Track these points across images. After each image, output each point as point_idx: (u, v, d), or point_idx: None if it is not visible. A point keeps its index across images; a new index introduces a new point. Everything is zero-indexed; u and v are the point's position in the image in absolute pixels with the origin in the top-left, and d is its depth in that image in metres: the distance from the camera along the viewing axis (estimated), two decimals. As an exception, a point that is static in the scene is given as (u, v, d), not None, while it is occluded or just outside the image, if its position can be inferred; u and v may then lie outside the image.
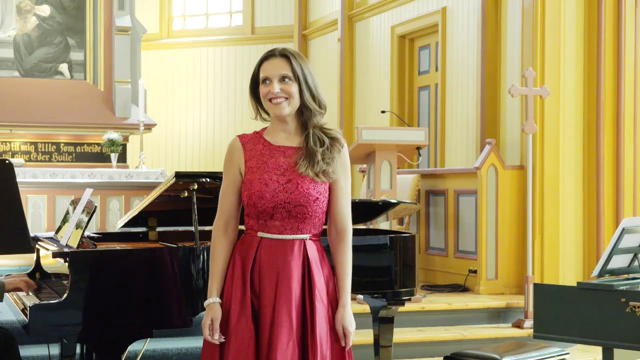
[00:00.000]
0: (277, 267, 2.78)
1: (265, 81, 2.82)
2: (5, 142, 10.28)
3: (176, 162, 12.78)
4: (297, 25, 12.02)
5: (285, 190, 2.77)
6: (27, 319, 3.43)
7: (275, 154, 2.84)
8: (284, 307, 2.74)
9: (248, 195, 2.80)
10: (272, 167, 2.81)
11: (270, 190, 2.78)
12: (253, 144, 2.87)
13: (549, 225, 7.06)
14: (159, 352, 5.21)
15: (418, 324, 6.25)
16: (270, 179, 2.79)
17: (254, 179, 2.80)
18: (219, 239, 2.86)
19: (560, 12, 7.15)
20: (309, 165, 2.79)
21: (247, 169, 2.84)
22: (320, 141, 2.82)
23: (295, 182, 2.79)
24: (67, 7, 10.61)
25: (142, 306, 3.56)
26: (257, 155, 2.85)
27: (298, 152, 2.83)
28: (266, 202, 2.77)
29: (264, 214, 2.78)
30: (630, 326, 4.00)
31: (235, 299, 2.78)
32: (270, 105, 2.83)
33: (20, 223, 3.50)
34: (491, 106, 7.72)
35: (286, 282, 2.76)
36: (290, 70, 2.81)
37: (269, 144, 2.86)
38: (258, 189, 2.78)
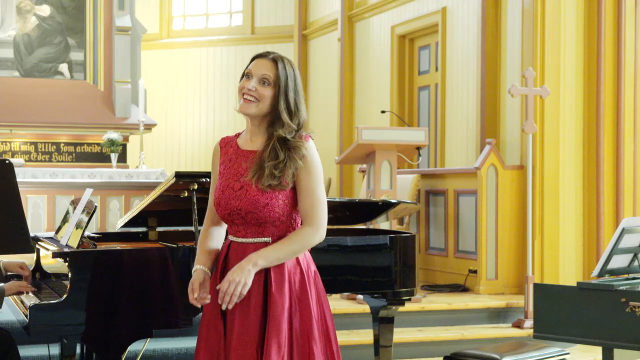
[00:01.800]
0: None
1: (247, 76, 2.83)
2: (5, 142, 10.28)
3: (176, 162, 12.79)
4: (297, 25, 12.02)
5: (237, 197, 2.79)
6: (27, 319, 3.43)
7: (239, 159, 2.87)
8: (239, 310, 2.74)
9: (212, 202, 2.91)
10: (233, 173, 2.85)
11: (225, 197, 2.82)
12: (228, 148, 2.92)
13: (549, 225, 7.06)
14: (159, 352, 5.21)
15: (418, 324, 6.25)
16: (227, 186, 2.83)
17: (218, 186, 2.87)
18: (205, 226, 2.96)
19: (560, 12, 7.15)
20: (255, 176, 2.77)
21: (219, 174, 2.91)
22: (275, 153, 2.77)
23: (246, 189, 2.79)
24: (67, 7, 10.61)
25: (142, 306, 3.56)
26: (227, 160, 2.89)
27: (256, 157, 2.82)
28: (222, 209, 2.83)
29: (225, 219, 2.85)
30: (630, 326, 4.00)
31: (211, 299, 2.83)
32: (240, 101, 2.83)
33: (20, 223, 3.49)
34: (491, 106, 7.73)
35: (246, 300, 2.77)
36: (273, 74, 2.79)
37: (238, 148, 2.90)
38: (217, 196, 2.85)
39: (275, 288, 2.75)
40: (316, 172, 2.82)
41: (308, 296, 2.79)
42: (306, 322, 2.77)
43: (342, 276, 4.11)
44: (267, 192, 2.76)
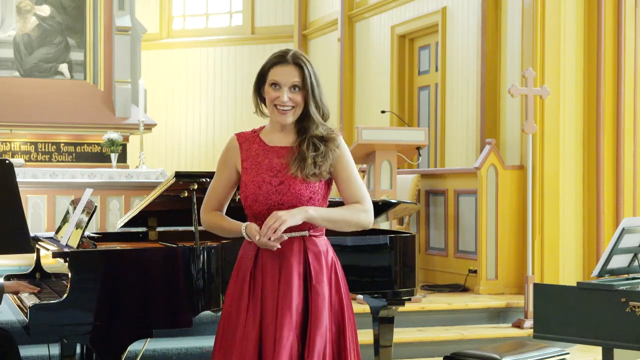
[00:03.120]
0: (279, 265, 2.79)
1: (275, 86, 2.82)
2: (5, 142, 10.28)
3: (176, 162, 12.79)
4: (297, 25, 12.02)
5: (277, 192, 2.78)
6: (27, 319, 3.43)
7: (269, 155, 2.85)
8: (285, 304, 2.74)
9: (244, 198, 2.83)
10: (265, 168, 2.83)
11: (263, 193, 2.79)
12: (249, 144, 2.89)
13: (549, 225, 7.06)
14: (159, 352, 5.21)
15: (418, 324, 6.25)
16: (264, 181, 2.80)
17: (249, 181, 2.82)
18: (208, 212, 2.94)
19: (560, 12, 7.15)
20: (299, 167, 2.79)
21: (242, 170, 2.86)
22: (314, 145, 2.82)
23: (288, 183, 2.79)
24: (67, 7, 10.61)
25: (142, 306, 3.56)
26: (252, 155, 2.86)
27: (291, 152, 2.83)
28: (260, 205, 2.79)
29: (261, 215, 2.80)
30: (630, 326, 3.99)
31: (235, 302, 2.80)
32: (275, 111, 2.82)
33: (20, 223, 3.50)
34: (491, 106, 7.72)
35: (287, 278, 2.77)
36: (301, 80, 2.81)
37: (264, 144, 2.87)
38: (252, 192, 2.80)
39: (315, 280, 2.78)
40: (352, 160, 2.91)
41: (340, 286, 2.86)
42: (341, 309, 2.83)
43: (342, 276, 4.11)
44: (310, 185, 2.79)
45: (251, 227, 2.78)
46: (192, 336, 5.48)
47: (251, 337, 2.75)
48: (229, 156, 2.91)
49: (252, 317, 2.77)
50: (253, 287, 2.80)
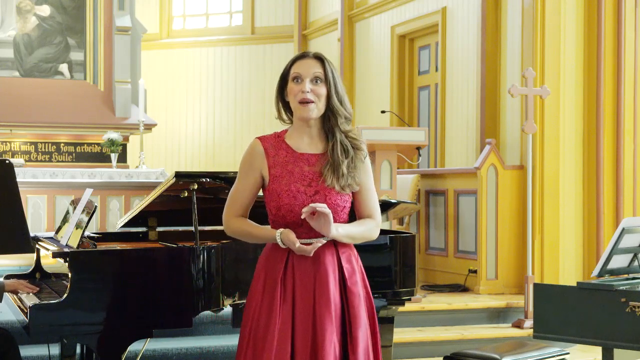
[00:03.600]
0: (313, 269, 2.80)
1: (297, 79, 2.82)
2: (5, 142, 10.28)
3: (176, 162, 12.79)
4: (297, 25, 12.02)
5: (313, 202, 2.77)
6: (27, 319, 3.43)
7: (299, 162, 2.83)
8: (324, 308, 2.76)
9: (276, 207, 2.80)
10: (297, 176, 2.81)
11: (299, 203, 2.77)
12: (276, 150, 2.85)
13: (549, 225, 7.06)
14: (159, 352, 5.21)
15: (418, 324, 6.25)
16: (298, 191, 2.79)
17: (281, 190, 2.79)
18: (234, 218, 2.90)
19: (560, 12, 7.15)
20: (334, 178, 2.79)
21: (271, 177, 2.83)
22: (345, 151, 2.83)
23: (323, 194, 2.79)
24: (67, 7, 10.61)
25: (142, 306, 3.56)
26: (281, 162, 2.83)
27: (321, 160, 2.83)
28: (295, 215, 2.77)
29: (294, 225, 2.79)
30: (630, 326, 4.00)
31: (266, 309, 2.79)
32: (298, 107, 2.81)
33: (20, 223, 3.50)
34: (491, 106, 7.73)
35: (324, 281, 2.79)
36: (322, 72, 2.82)
37: (292, 151, 2.85)
38: (287, 202, 2.78)
39: (349, 281, 2.82)
40: (371, 174, 2.95)
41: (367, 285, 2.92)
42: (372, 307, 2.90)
43: (342, 276, 4.11)
44: (344, 196, 2.81)
45: (288, 234, 2.76)
46: (192, 336, 5.48)
47: (286, 342, 2.74)
48: (254, 161, 2.87)
49: (284, 323, 2.76)
50: (284, 293, 2.79)
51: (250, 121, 12.54)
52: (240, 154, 12.55)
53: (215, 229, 4.52)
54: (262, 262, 2.89)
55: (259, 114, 12.49)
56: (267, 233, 2.82)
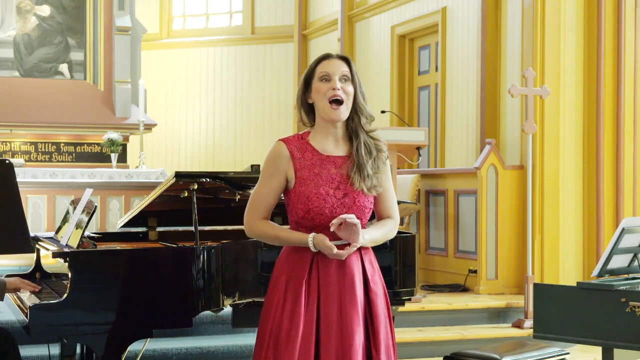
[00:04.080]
0: (338, 270, 2.81)
1: (325, 78, 2.82)
2: (5, 142, 10.28)
3: (176, 162, 12.79)
4: (297, 25, 12.02)
5: (342, 205, 2.79)
6: (27, 319, 3.43)
7: (326, 165, 2.83)
8: (351, 308, 2.78)
9: (305, 210, 2.80)
10: (325, 179, 2.81)
11: (329, 206, 2.78)
12: (301, 152, 2.85)
13: (549, 225, 7.06)
14: (159, 352, 5.21)
15: (418, 324, 6.25)
16: (327, 194, 2.79)
17: (310, 193, 2.79)
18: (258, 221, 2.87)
19: (560, 12, 7.15)
20: (361, 180, 2.81)
21: (298, 180, 2.82)
22: (369, 151, 2.84)
23: (352, 197, 2.81)
24: (67, 7, 10.61)
25: (142, 306, 3.56)
26: (308, 165, 2.83)
27: (347, 162, 2.84)
28: (325, 218, 2.78)
29: (319, 226, 2.80)
30: (630, 326, 4.00)
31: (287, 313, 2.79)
32: (328, 107, 2.81)
33: (20, 223, 3.50)
34: (491, 106, 7.72)
35: (351, 282, 2.81)
36: (349, 71, 2.84)
37: (318, 153, 2.85)
38: (317, 205, 2.78)
39: (371, 281, 2.86)
40: (390, 175, 2.97)
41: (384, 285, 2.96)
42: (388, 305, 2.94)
43: (342, 276, 4.11)
44: (369, 198, 2.85)
45: (323, 240, 2.76)
46: (192, 336, 5.48)
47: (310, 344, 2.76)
48: (279, 164, 2.85)
49: (308, 325, 2.78)
50: (308, 295, 2.80)
51: (250, 121, 12.54)
52: (240, 153, 12.54)
53: (215, 229, 4.52)
54: (283, 264, 2.87)
55: (259, 114, 12.49)
56: (297, 237, 2.81)
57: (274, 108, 12.46)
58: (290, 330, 2.77)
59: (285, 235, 2.84)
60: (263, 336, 2.84)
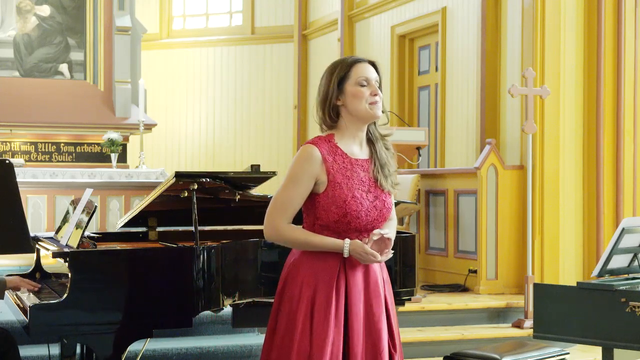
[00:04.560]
0: (364, 275, 2.86)
1: (363, 83, 2.86)
2: (5, 142, 10.28)
3: (176, 162, 12.78)
4: (297, 25, 12.02)
5: (375, 208, 2.84)
6: (27, 319, 3.43)
7: (355, 168, 2.86)
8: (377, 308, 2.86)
9: (341, 214, 2.80)
10: (357, 183, 2.84)
11: (365, 210, 2.82)
12: (332, 155, 2.84)
13: (549, 225, 7.06)
14: (159, 352, 5.21)
15: (418, 324, 6.25)
16: (362, 198, 2.82)
17: (347, 197, 2.80)
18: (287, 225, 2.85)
19: (560, 12, 7.15)
20: (385, 179, 2.87)
21: (330, 184, 2.82)
22: (386, 152, 2.92)
23: (382, 199, 2.87)
24: (67, 7, 10.61)
25: (142, 306, 3.56)
26: (340, 169, 2.84)
27: (371, 165, 2.89)
28: (361, 221, 2.82)
29: (352, 229, 2.82)
30: (630, 326, 4.00)
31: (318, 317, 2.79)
32: (368, 107, 2.84)
33: (20, 223, 3.50)
34: (491, 106, 7.73)
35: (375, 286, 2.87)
36: (379, 77, 2.92)
37: (347, 157, 2.87)
38: (354, 209, 2.80)
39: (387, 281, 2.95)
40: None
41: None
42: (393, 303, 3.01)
43: (342, 276, 4.10)
44: (391, 197, 2.92)
45: (363, 247, 2.78)
46: (192, 336, 5.47)
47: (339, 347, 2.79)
48: (312, 168, 2.82)
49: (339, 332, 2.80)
50: (337, 301, 2.81)
51: (250, 121, 12.54)
52: (240, 153, 12.54)
53: (215, 229, 4.52)
54: (306, 273, 2.83)
55: (259, 114, 12.49)
56: (332, 243, 2.81)
57: (274, 108, 12.46)
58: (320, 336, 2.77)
59: (319, 241, 2.82)
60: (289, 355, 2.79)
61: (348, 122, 2.87)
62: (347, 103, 2.85)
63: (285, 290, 2.86)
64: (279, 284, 2.92)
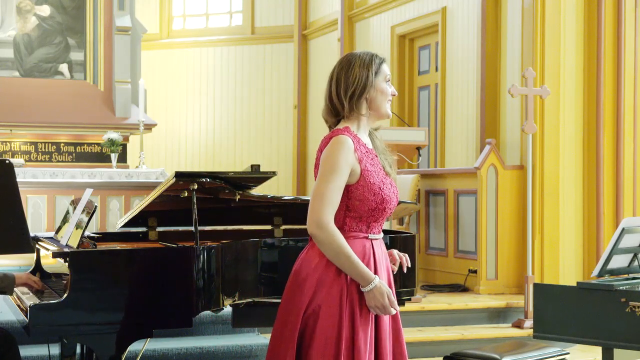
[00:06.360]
0: (385, 265, 2.94)
1: (389, 81, 2.96)
2: (5, 142, 10.28)
3: (176, 162, 12.79)
4: (297, 25, 12.02)
5: (394, 194, 2.91)
6: (27, 319, 3.43)
7: (374, 158, 2.92)
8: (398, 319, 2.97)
9: (379, 200, 2.82)
10: (380, 171, 2.90)
11: (395, 194, 2.91)
12: (359, 146, 2.87)
13: (549, 225, 7.06)
14: (159, 352, 5.21)
15: (418, 324, 6.26)
16: (389, 183, 2.90)
17: (381, 183, 2.85)
18: (336, 231, 2.78)
19: (560, 12, 7.16)
20: (391, 169, 2.95)
21: (363, 172, 2.82)
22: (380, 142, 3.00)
23: (394, 184, 2.94)
24: (67, 7, 10.61)
25: (142, 306, 3.56)
26: (366, 157, 2.88)
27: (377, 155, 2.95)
28: (393, 206, 2.89)
29: (383, 217, 2.89)
30: (630, 326, 4.00)
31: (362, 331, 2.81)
32: (387, 106, 2.95)
33: (20, 223, 3.50)
34: (491, 106, 7.73)
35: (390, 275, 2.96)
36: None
37: (367, 147, 2.92)
38: (388, 194, 2.86)
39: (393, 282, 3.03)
40: None
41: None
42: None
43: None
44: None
45: (385, 289, 2.80)
46: (192, 336, 5.48)
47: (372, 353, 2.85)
48: (349, 157, 2.81)
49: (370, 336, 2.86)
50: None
51: (250, 121, 12.54)
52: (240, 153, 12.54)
53: (215, 229, 4.52)
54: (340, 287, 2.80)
55: (259, 114, 12.49)
56: (365, 272, 2.78)
57: (274, 108, 12.46)
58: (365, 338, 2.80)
59: (357, 261, 2.77)
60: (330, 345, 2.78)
61: (367, 116, 2.92)
62: (374, 98, 2.90)
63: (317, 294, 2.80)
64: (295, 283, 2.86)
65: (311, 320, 2.79)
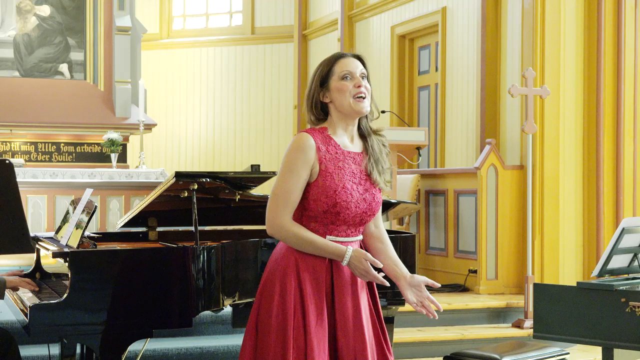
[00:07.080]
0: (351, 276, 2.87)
1: (347, 77, 2.84)
2: (5, 142, 10.28)
3: (176, 162, 12.79)
4: (297, 25, 12.02)
5: (364, 201, 2.83)
6: (27, 319, 3.43)
7: (347, 160, 2.85)
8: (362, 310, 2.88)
9: (330, 204, 2.79)
10: (349, 174, 2.83)
11: (354, 201, 2.81)
12: (325, 145, 2.84)
13: (549, 225, 7.06)
14: (159, 352, 5.21)
15: (418, 324, 6.25)
16: (352, 189, 2.81)
17: (337, 186, 2.80)
18: (292, 222, 2.80)
19: (560, 12, 7.16)
20: (378, 174, 2.87)
21: (322, 172, 2.81)
22: (380, 148, 2.91)
23: (372, 192, 2.86)
24: (67, 7, 10.61)
25: (142, 306, 3.56)
26: (332, 158, 2.83)
27: (364, 159, 2.88)
28: (350, 212, 2.81)
29: (340, 221, 2.82)
30: (630, 326, 4.00)
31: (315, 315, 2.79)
32: (353, 102, 2.83)
33: (20, 223, 3.49)
34: (491, 106, 7.73)
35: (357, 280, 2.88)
36: (365, 70, 2.89)
37: (340, 148, 2.86)
38: (344, 199, 2.79)
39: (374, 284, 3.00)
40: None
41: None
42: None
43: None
44: (380, 194, 2.90)
45: (366, 256, 2.79)
46: (192, 336, 5.48)
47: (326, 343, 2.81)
48: (307, 156, 2.80)
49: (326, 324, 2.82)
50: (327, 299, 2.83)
51: (250, 121, 12.54)
52: (240, 154, 12.52)
53: (215, 229, 4.52)
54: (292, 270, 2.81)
55: (259, 114, 12.49)
56: (334, 248, 2.79)
57: (274, 108, 12.46)
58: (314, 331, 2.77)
59: (322, 243, 2.79)
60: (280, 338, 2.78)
61: (336, 118, 2.87)
62: (334, 99, 2.85)
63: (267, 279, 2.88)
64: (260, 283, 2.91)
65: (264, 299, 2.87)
